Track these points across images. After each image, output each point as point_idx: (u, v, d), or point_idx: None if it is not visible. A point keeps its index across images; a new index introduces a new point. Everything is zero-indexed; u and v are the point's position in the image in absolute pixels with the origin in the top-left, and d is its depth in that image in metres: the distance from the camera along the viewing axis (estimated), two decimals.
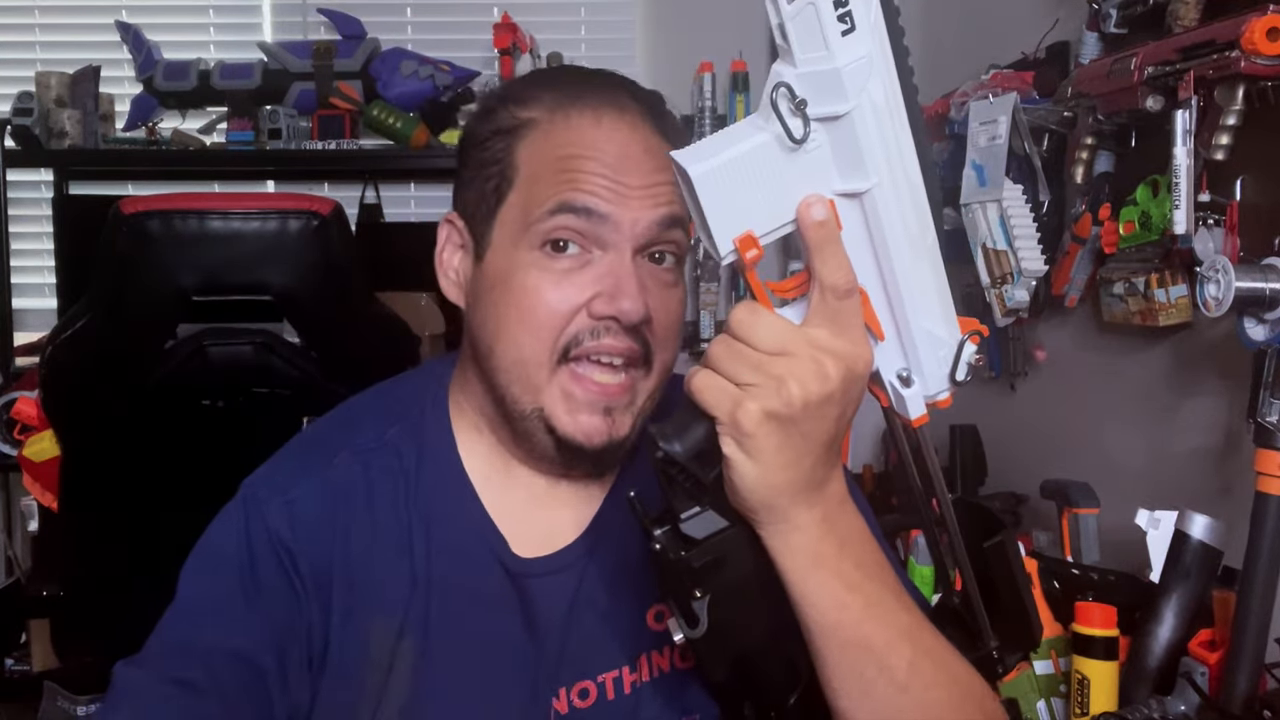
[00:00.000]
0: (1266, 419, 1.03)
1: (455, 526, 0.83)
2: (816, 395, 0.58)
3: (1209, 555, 1.10)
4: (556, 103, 0.81)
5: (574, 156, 0.78)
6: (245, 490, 0.85)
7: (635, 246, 0.78)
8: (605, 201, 0.76)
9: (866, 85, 0.56)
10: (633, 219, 0.77)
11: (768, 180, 0.58)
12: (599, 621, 0.83)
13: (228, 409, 1.55)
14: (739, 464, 0.59)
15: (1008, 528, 0.70)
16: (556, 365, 0.78)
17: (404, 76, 2.36)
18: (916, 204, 0.60)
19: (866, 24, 0.56)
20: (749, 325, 0.59)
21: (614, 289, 0.76)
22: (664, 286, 0.80)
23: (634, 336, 0.77)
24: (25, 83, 2.39)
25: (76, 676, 1.69)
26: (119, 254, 1.46)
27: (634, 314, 0.76)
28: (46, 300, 2.49)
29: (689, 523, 0.62)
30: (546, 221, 0.77)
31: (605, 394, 0.78)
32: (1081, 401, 1.65)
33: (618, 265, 0.77)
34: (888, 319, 0.62)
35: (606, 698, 0.82)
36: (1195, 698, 1.04)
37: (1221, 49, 1.12)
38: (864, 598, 0.63)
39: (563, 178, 0.77)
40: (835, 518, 0.63)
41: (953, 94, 1.80)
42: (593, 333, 0.77)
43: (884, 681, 0.63)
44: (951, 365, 0.62)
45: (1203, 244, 1.19)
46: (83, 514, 1.62)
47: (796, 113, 0.56)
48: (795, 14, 0.55)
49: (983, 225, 1.63)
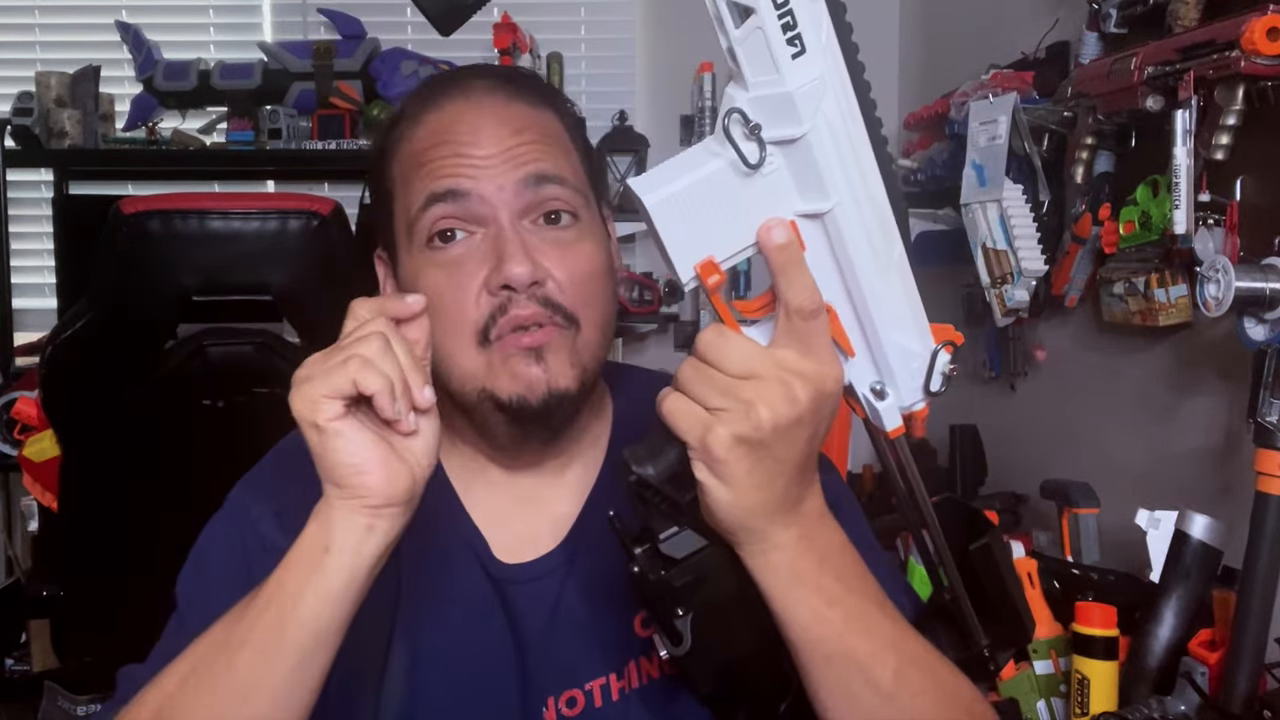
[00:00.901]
0: (1266, 419, 1.03)
1: (439, 532, 0.83)
2: (786, 418, 0.58)
3: (1209, 555, 1.10)
4: (410, 111, 0.82)
5: (428, 148, 0.79)
6: (234, 499, 0.86)
7: (513, 213, 0.77)
8: (465, 179, 0.77)
9: (821, 106, 0.56)
10: (497, 186, 0.77)
11: (726, 205, 0.58)
12: (584, 628, 0.82)
13: (228, 409, 1.55)
14: (712, 488, 0.59)
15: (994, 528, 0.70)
16: (481, 349, 0.77)
17: (404, 76, 2.36)
18: (881, 219, 0.60)
19: (817, 45, 0.55)
20: (716, 348, 0.59)
21: (498, 259, 0.76)
22: (563, 245, 0.79)
23: (539, 301, 0.76)
24: (25, 83, 2.39)
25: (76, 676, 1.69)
26: (119, 254, 1.46)
27: (523, 276, 0.75)
28: (46, 300, 2.49)
29: (668, 542, 0.62)
30: (422, 219, 0.78)
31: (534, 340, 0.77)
32: (1081, 401, 1.65)
33: (498, 235, 0.77)
34: (857, 334, 0.62)
35: (595, 705, 0.81)
36: (1195, 698, 1.04)
37: (1221, 49, 1.12)
38: (846, 611, 0.63)
39: (423, 172, 0.78)
40: (813, 534, 0.63)
41: (953, 94, 1.80)
42: (500, 309, 0.76)
43: (870, 692, 0.63)
44: (925, 376, 0.62)
45: (1203, 244, 1.19)
46: (83, 514, 1.62)
47: (751, 137, 0.56)
48: (743, 38, 0.55)
49: (983, 225, 1.63)
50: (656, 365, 0.92)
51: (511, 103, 0.81)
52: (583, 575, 0.83)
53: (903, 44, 2.44)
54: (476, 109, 0.80)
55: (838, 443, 1.63)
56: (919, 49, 2.36)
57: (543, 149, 0.79)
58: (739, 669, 0.67)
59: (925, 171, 1.95)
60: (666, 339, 2.50)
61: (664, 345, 2.52)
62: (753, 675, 0.68)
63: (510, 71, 0.86)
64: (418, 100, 0.83)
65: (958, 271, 1.85)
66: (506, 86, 0.82)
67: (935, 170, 1.91)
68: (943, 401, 0.64)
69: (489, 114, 0.80)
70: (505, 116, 0.80)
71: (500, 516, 0.85)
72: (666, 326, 2.47)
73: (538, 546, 0.84)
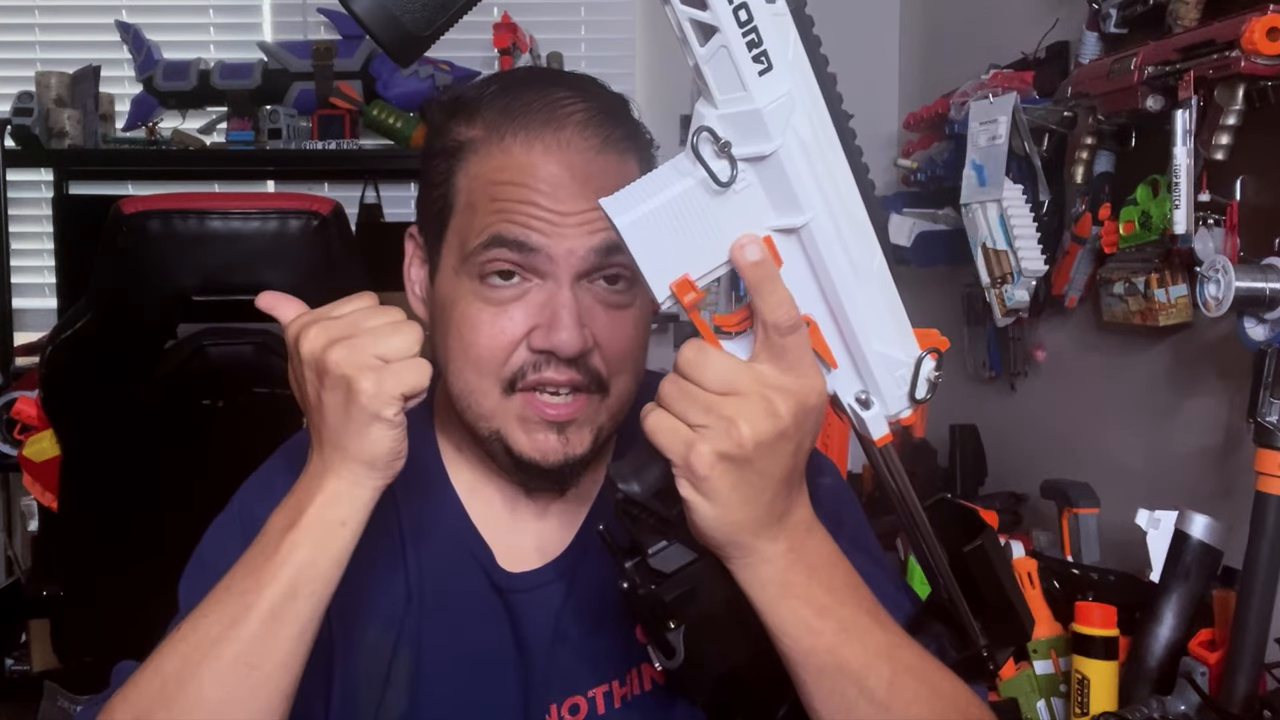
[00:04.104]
0: (1266, 419, 1.03)
1: (444, 540, 0.83)
2: (768, 434, 0.57)
3: (1209, 555, 1.10)
4: (494, 123, 0.77)
5: (506, 184, 0.75)
6: (238, 502, 0.85)
7: (574, 274, 0.75)
8: (537, 234, 0.74)
9: (790, 122, 0.55)
10: (568, 249, 0.74)
11: (698, 223, 0.57)
12: (587, 636, 0.82)
13: (228, 409, 1.55)
14: (696, 504, 0.59)
15: (988, 528, 0.70)
16: (504, 395, 0.77)
17: (404, 76, 2.36)
18: (858, 231, 0.59)
19: (785, 61, 0.54)
20: (697, 365, 0.58)
21: (550, 322, 0.74)
22: (614, 309, 0.77)
23: (576, 368, 0.76)
24: (25, 83, 2.39)
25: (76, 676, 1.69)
26: (119, 254, 1.46)
27: (569, 347, 0.74)
28: (46, 300, 2.49)
29: (657, 557, 0.62)
30: (481, 255, 0.75)
31: (559, 415, 0.77)
32: (1081, 401, 1.65)
33: (554, 297, 0.75)
34: (839, 346, 0.62)
35: (597, 712, 0.81)
36: (1195, 698, 1.04)
37: (1221, 49, 1.12)
38: (837, 622, 0.63)
39: (495, 207, 0.75)
40: (801, 547, 0.63)
41: (953, 94, 1.80)
42: (534, 366, 0.75)
43: (864, 701, 0.63)
44: (910, 384, 0.62)
45: (1203, 244, 1.19)
46: (83, 514, 1.62)
47: (722, 154, 0.56)
48: (709, 56, 0.54)
49: (983, 225, 1.63)
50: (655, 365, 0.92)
51: (602, 151, 0.76)
52: (586, 583, 0.82)
53: (903, 44, 2.43)
54: (564, 153, 0.75)
55: (837, 443, 1.63)
56: (919, 49, 2.36)
57: None
58: (734, 678, 0.67)
59: (925, 171, 1.95)
60: (666, 339, 2.50)
61: (664, 345, 2.52)
62: (748, 683, 0.68)
63: (607, 105, 0.79)
64: (502, 113, 0.77)
65: (958, 271, 1.85)
66: (599, 127, 0.76)
67: (935, 170, 1.91)
68: (942, 401, 0.64)
69: (579, 165, 0.75)
70: (591, 170, 0.75)
71: (505, 527, 0.85)
72: (666, 326, 2.47)
73: (542, 555, 0.84)
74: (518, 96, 0.77)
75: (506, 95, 0.78)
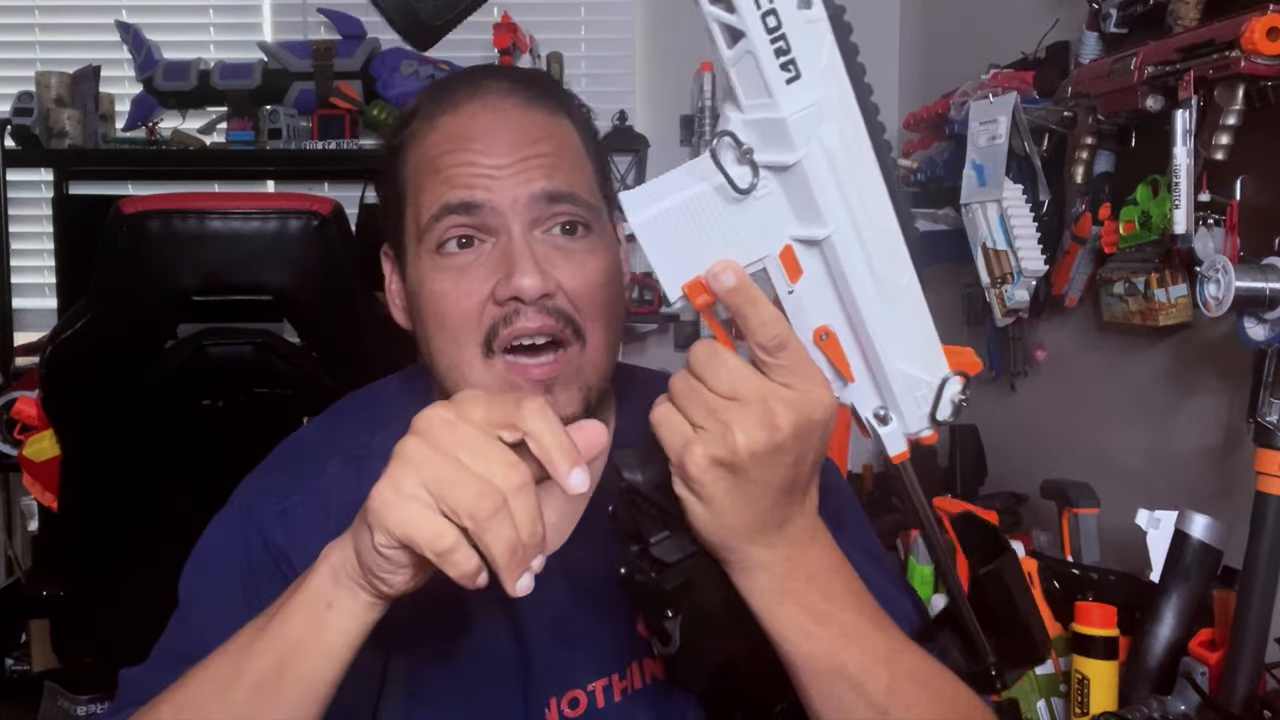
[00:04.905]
0: (1266, 419, 1.03)
1: None
2: (763, 445, 0.56)
3: (1209, 555, 1.10)
4: (426, 113, 0.81)
5: (444, 154, 0.78)
6: (238, 499, 0.85)
7: (525, 223, 0.77)
8: (481, 190, 0.77)
9: (817, 133, 0.54)
10: (511, 198, 0.77)
11: (715, 227, 0.57)
12: (586, 629, 0.82)
13: (228, 409, 1.55)
14: (690, 505, 0.59)
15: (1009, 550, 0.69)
16: (486, 359, 0.77)
17: (404, 76, 2.36)
18: (888, 247, 0.58)
19: (815, 70, 0.53)
20: (707, 366, 0.58)
21: (509, 270, 0.76)
22: (574, 255, 0.79)
23: (548, 313, 0.76)
24: (25, 83, 2.39)
25: (76, 676, 1.69)
26: (119, 254, 1.46)
27: (532, 289, 0.75)
28: (46, 300, 2.49)
29: (658, 546, 0.62)
30: (435, 228, 0.78)
31: (543, 374, 0.77)
32: (1081, 401, 1.65)
33: (508, 246, 0.77)
34: (858, 360, 0.60)
35: (597, 706, 0.81)
36: (1195, 698, 1.04)
37: (1221, 49, 1.12)
38: (836, 628, 0.62)
39: (439, 179, 0.78)
40: (800, 555, 0.62)
41: (953, 94, 1.80)
42: (505, 319, 0.76)
43: (863, 705, 0.63)
44: (932, 405, 0.61)
45: (1203, 244, 1.19)
46: (83, 514, 1.62)
47: (744, 160, 0.55)
48: (735, 60, 0.53)
49: (983, 225, 1.63)
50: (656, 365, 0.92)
51: (528, 108, 0.80)
52: (585, 577, 0.82)
53: (903, 44, 2.44)
54: (492, 113, 0.79)
55: (837, 443, 1.63)
56: (919, 49, 2.36)
57: (557, 161, 0.78)
58: (731, 668, 0.67)
59: (925, 171, 1.95)
60: (667, 339, 2.50)
61: (664, 345, 2.52)
62: (746, 676, 0.68)
63: (527, 74, 0.85)
64: (431, 100, 0.82)
65: (958, 271, 1.85)
66: (523, 90, 0.81)
67: (935, 170, 1.91)
68: None
69: (505, 120, 0.79)
70: (521, 124, 0.79)
71: None
72: (666, 326, 2.47)
73: None
74: (444, 85, 0.83)
75: (436, 89, 0.83)
